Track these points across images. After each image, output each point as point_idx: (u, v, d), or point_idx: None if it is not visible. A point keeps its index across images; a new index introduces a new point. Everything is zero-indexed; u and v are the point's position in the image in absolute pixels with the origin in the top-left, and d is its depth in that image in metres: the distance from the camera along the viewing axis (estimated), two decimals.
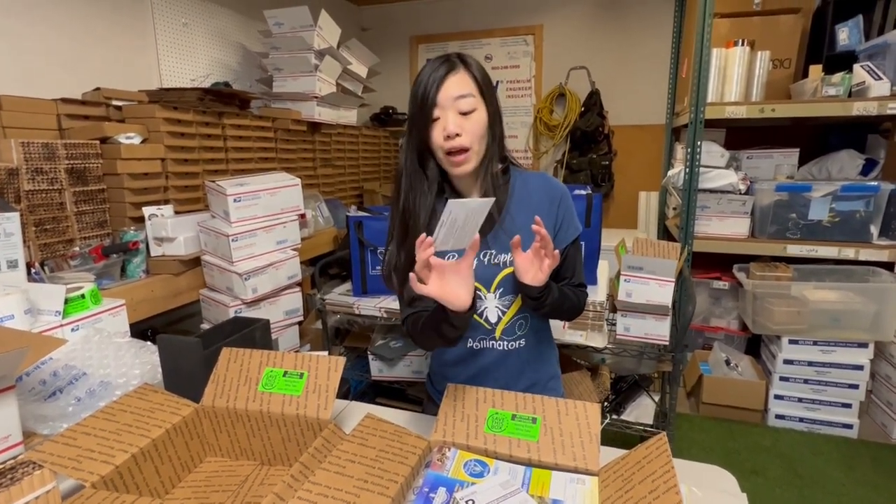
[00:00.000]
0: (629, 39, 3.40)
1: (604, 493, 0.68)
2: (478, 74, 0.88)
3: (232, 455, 0.92)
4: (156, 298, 1.61)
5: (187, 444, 0.87)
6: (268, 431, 0.89)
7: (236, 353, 0.95)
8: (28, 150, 1.42)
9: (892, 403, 2.18)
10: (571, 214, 0.99)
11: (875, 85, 2.12)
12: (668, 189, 2.90)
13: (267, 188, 1.71)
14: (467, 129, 0.86)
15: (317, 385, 0.88)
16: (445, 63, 0.87)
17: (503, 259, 0.95)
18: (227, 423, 0.90)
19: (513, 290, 0.96)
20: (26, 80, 1.73)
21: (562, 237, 0.98)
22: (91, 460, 0.72)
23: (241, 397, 0.89)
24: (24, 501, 0.67)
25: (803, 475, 1.95)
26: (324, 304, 1.96)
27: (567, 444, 0.77)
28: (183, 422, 0.86)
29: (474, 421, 0.82)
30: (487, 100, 0.88)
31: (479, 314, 0.97)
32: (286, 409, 0.87)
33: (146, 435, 0.80)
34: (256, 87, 2.67)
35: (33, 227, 1.43)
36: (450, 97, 0.85)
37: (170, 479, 0.83)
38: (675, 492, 0.56)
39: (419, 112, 0.88)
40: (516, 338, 0.99)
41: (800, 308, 2.22)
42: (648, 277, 1.47)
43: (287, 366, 0.92)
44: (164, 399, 0.89)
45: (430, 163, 0.93)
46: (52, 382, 0.95)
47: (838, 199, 2.27)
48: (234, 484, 0.85)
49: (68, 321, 1.10)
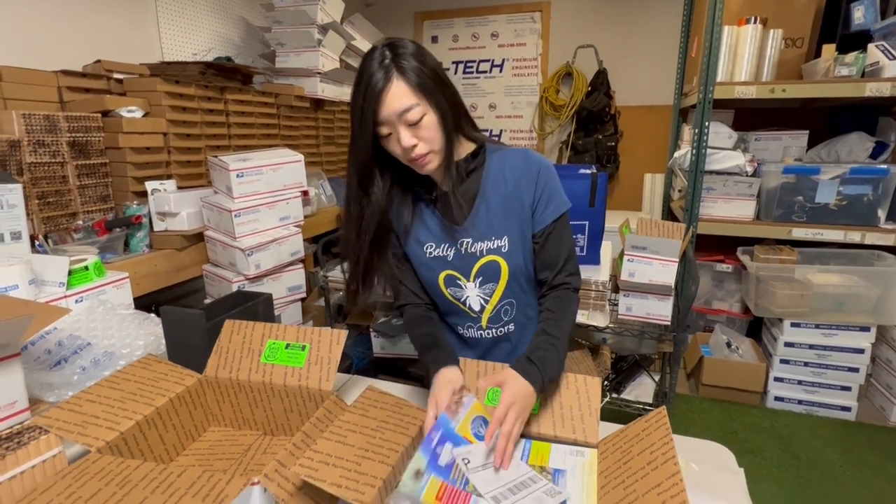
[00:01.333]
0: (639, 16, 3.33)
1: (602, 464, 0.69)
2: (415, 79, 0.79)
3: (235, 425, 0.93)
4: (159, 273, 1.61)
5: (191, 414, 0.88)
6: (270, 402, 0.90)
7: (239, 326, 0.95)
8: (30, 122, 1.41)
9: (892, 387, 2.18)
10: (553, 190, 0.92)
11: (889, 65, 2.07)
12: (673, 171, 2.87)
13: (270, 164, 1.70)
14: (422, 136, 0.81)
15: (319, 357, 0.89)
16: (380, 71, 0.78)
17: (480, 247, 0.92)
18: (230, 394, 0.91)
19: (492, 278, 0.93)
20: (25, 51, 1.71)
21: (540, 215, 0.92)
22: (96, 426, 0.74)
23: (244, 368, 0.90)
24: (31, 465, 0.68)
25: (800, 456, 1.97)
26: (326, 281, 1.97)
27: (567, 417, 0.77)
28: (186, 391, 0.87)
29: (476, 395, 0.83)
30: (432, 100, 0.81)
31: (461, 302, 0.96)
32: (288, 381, 0.88)
33: (150, 403, 0.81)
34: (259, 62, 2.63)
35: (36, 199, 1.43)
36: (393, 114, 0.79)
37: (174, 447, 0.84)
38: (673, 462, 0.57)
39: (362, 132, 0.82)
40: (503, 324, 0.98)
41: (803, 291, 2.21)
42: (652, 257, 1.47)
43: (289, 338, 0.92)
44: (168, 369, 0.90)
45: (374, 185, 0.89)
46: (57, 352, 0.95)
47: (846, 182, 2.24)
48: (238, 452, 0.87)
49: (72, 292, 1.11)
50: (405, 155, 0.83)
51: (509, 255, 0.92)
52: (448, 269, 0.94)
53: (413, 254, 0.97)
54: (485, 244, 0.92)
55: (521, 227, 0.92)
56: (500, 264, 0.92)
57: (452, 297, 0.97)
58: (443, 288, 0.96)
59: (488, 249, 0.92)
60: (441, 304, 1.00)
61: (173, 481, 0.62)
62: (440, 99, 0.82)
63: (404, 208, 0.95)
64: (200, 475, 0.63)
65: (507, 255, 0.92)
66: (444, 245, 0.94)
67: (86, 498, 0.60)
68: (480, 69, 3.82)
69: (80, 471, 0.65)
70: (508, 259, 0.92)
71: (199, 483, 0.62)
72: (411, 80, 0.79)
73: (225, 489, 0.60)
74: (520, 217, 0.92)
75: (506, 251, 0.92)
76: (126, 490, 0.61)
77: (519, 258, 0.93)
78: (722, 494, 0.76)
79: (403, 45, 0.81)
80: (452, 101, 0.86)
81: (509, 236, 0.91)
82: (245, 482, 0.62)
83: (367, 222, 0.90)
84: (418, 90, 0.79)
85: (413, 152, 0.82)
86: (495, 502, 0.65)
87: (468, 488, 0.67)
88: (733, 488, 0.78)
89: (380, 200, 0.90)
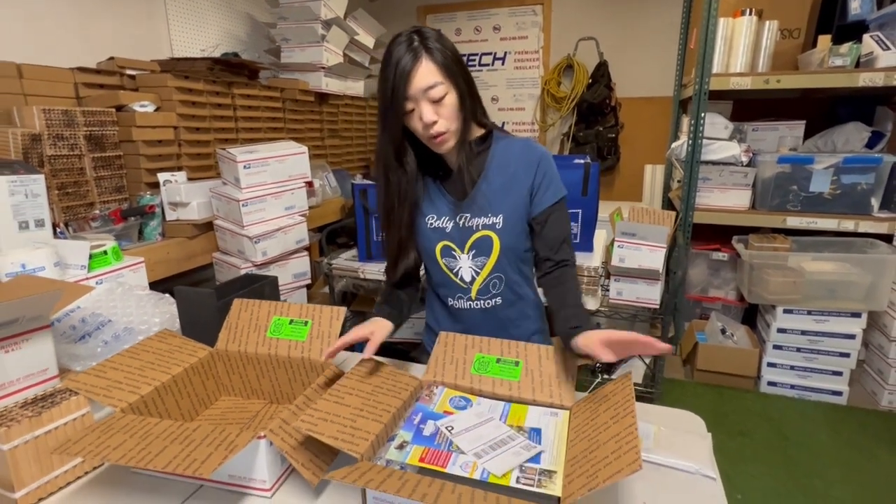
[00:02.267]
0: (639, 9, 3.36)
1: (573, 422, 0.76)
2: (441, 59, 0.88)
3: (244, 394, 1.01)
4: (171, 260, 1.70)
5: (203, 383, 0.96)
6: (276, 373, 0.98)
7: (247, 304, 1.03)
8: (49, 116, 1.49)
9: (883, 372, 2.23)
10: (551, 178, 1.00)
11: (883, 55, 2.10)
12: (672, 161, 2.91)
13: (276, 156, 1.78)
14: (442, 114, 0.89)
15: (320, 331, 0.97)
16: (409, 53, 0.87)
17: (476, 222, 0.99)
18: (238, 365, 0.99)
19: (485, 252, 1.01)
20: (41, 48, 1.79)
21: (539, 200, 0.99)
22: (119, 390, 0.82)
23: (252, 342, 0.98)
24: (63, 421, 0.77)
25: (790, 437, 2.03)
26: (330, 268, 2.05)
27: (545, 383, 0.84)
28: (199, 363, 0.95)
29: (462, 364, 0.90)
30: (454, 81, 0.90)
31: (454, 273, 1.04)
32: (292, 353, 0.95)
33: (167, 372, 0.89)
34: (265, 57, 2.71)
35: (56, 190, 1.52)
36: (419, 90, 0.87)
37: (188, 412, 0.92)
38: (631, 416, 0.64)
39: (391, 107, 0.90)
40: (492, 296, 1.05)
41: (796, 279, 2.25)
42: (640, 243, 1.53)
43: (293, 315, 1.00)
44: (182, 342, 0.98)
45: (408, 156, 0.97)
46: (80, 328, 1.04)
47: (841, 171, 2.28)
48: (246, 418, 0.95)
49: (93, 275, 1.19)
50: (425, 132, 0.91)
51: (502, 232, 1.00)
52: (445, 239, 1.02)
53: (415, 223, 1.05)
54: (481, 220, 0.99)
55: (517, 208, 0.99)
56: (493, 239, 1.00)
57: (446, 267, 1.04)
58: (438, 257, 1.04)
59: (484, 225, 0.99)
60: (434, 273, 1.08)
61: (189, 434, 0.70)
62: (460, 81, 0.91)
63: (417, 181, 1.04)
64: (213, 429, 0.70)
65: (500, 231, 0.99)
66: (445, 218, 1.02)
67: (113, 446, 0.68)
68: (483, 62, 3.86)
69: (107, 426, 0.73)
70: (501, 235, 1.00)
71: (213, 436, 0.69)
72: (437, 59, 0.88)
73: (235, 440, 0.68)
74: (516, 199, 0.99)
75: (499, 228, 0.99)
76: (148, 441, 0.69)
77: (511, 236, 1.01)
78: (688, 455, 0.83)
79: (429, 31, 0.90)
80: (470, 85, 0.94)
81: (504, 215, 0.99)
82: (253, 435, 0.69)
83: (405, 190, 0.99)
84: (443, 70, 0.88)
85: (433, 128, 0.90)
86: (476, 457, 0.72)
87: (452, 448, 0.75)
88: (699, 450, 0.85)
89: (413, 170, 0.98)
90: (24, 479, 0.72)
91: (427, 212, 1.03)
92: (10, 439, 0.70)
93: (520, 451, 0.72)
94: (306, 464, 0.71)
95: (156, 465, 0.64)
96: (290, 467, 0.78)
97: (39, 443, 0.74)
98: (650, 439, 0.86)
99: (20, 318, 0.79)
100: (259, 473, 0.73)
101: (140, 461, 0.65)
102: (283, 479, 0.77)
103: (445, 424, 0.76)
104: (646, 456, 0.83)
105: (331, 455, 0.77)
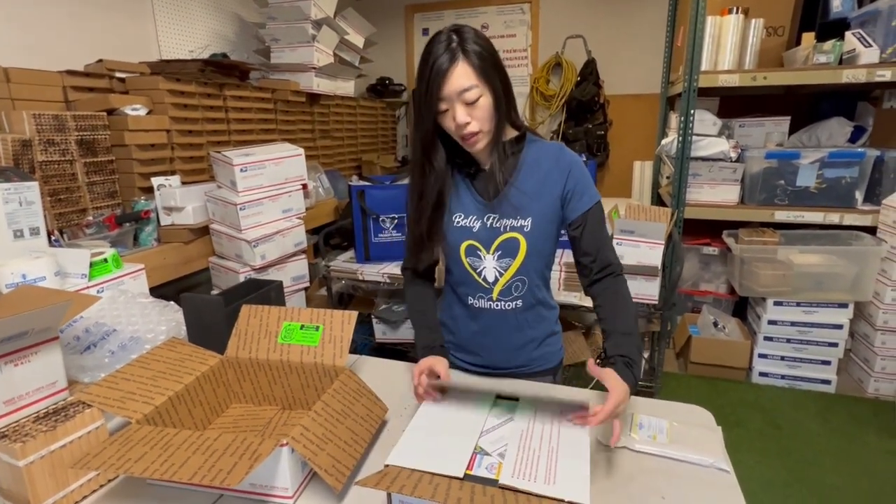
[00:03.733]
0: (626, 7, 3.39)
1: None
2: (478, 61, 0.89)
3: (255, 401, 1.00)
4: (168, 266, 1.67)
5: (215, 391, 0.96)
6: (288, 379, 0.97)
7: (256, 310, 1.02)
8: (40, 121, 1.46)
9: (869, 360, 2.30)
10: (585, 184, 1.00)
11: (865, 52, 2.15)
12: (661, 158, 2.95)
13: (272, 158, 1.76)
14: (475, 115, 0.91)
15: (332, 336, 0.96)
16: (446, 53, 0.88)
17: (504, 224, 1.00)
18: (249, 372, 0.98)
19: (511, 253, 1.02)
20: (26, 51, 1.74)
21: (575, 205, 1.00)
22: (133, 401, 0.81)
23: (262, 349, 0.97)
24: (78, 435, 0.75)
25: (782, 426, 2.08)
26: (328, 270, 2.03)
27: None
28: (210, 371, 0.94)
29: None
30: (490, 83, 0.90)
31: (477, 272, 1.04)
32: (304, 359, 0.95)
33: (179, 381, 0.88)
34: (254, 58, 2.68)
35: (48, 196, 1.48)
36: (454, 92, 0.88)
37: (201, 421, 0.92)
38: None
39: (425, 105, 0.92)
40: (513, 298, 1.05)
41: (785, 271, 2.31)
42: (639, 240, 1.55)
43: (304, 320, 0.99)
44: (192, 351, 0.97)
45: (437, 154, 0.99)
46: (85, 338, 1.02)
47: (826, 165, 2.33)
48: (260, 425, 0.94)
49: (93, 283, 1.17)
50: (458, 131, 0.93)
51: (530, 235, 1.00)
52: (471, 239, 1.02)
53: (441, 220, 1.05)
54: (509, 221, 1.00)
55: (546, 212, 1.00)
56: (520, 241, 1.00)
57: (470, 267, 1.04)
58: (462, 256, 1.04)
59: (511, 227, 0.99)
60: (456, 272, 1.07)
61: (210, 444, 0.69)
62: (496, 83, 0.92)
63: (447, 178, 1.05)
64: (234, 438, 0.70)
65: (528, 234, 1.00)
66: (472, 217, 1.02)
67: (134, 459, 0.67)
68: None
69: (126, 438, 0.72)
70: (528, 238, 1.00)
71: (235, 445, 0.69)
72: (474, 62, 0.88)
73: (258, 449, 0.68)
74: (546, 203, 1.00)
75: (527, 231, 0.99)
76: (169, 452, 0.68)
77: (538, 239, 1.01)
78: (701, 448, 0.85)
79: (468, 31, 0.91)
80: (506, 87, 0.95)
81: (533, 218, 0.99)
82: (275, 443, 0.69)
83: (431, 188, 1.00)
84: (479, 73, 0.89)
85: (465, 129, 0.91)
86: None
87: (476, 450, 0.74)
88: (711, 443, 0.87)
89: (442, 168, 1.00)
90: (41, 494, 0.71)
91: (455, 210, 1.03)
92: (25, 455, 0.69)
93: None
94: (329, 470, 0.71)
95: (181, 477, 0.63)
96: (310, 474, 0.78)
97: (55, 457, 0.72)
98: (664, 434, 0.88)
99: (29, 330, 0.78)
100: (281, 481, 0.73)
101: (164, 473, 0.64)
102: (304, 485, 0.77)
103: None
104: (661, 451, 0.85)
105: (352, 461, 0.77)
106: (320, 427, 0.75)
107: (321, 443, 0.73)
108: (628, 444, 0.86)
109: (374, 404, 0.90)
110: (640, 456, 0.84)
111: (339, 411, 0.80)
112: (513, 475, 0.67)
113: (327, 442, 0.74)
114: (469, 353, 1.13)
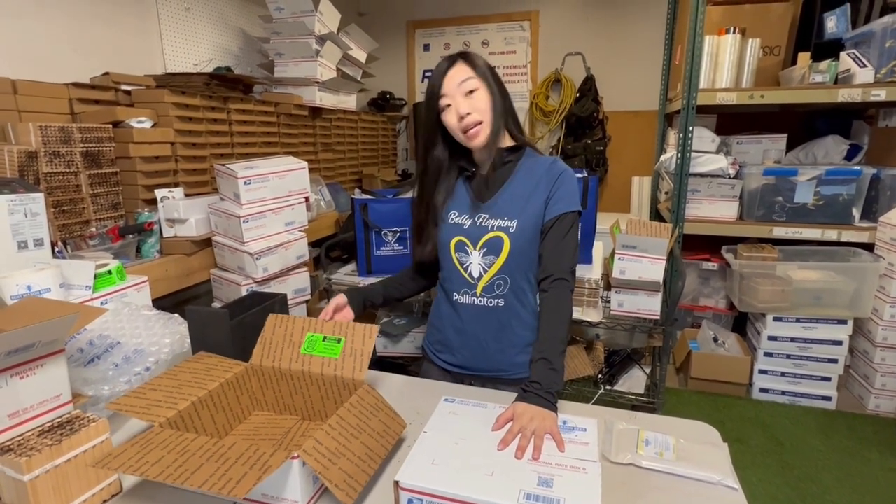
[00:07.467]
0: (624, 26, 3.46)
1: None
2: (477, 62, 1.02)
3: (276, 410, 1.00)
4: (170, 278, 1.67)
5: (238, 398, 0.95)
6: (308, 390, 0.97)
7: (282, 319, 1.02)
8: (46, 133, 1.47)
9: (869, 376, 2.30)
10: (566, 193, 1.05)
11: (860, 72, 2.20)
12: (660, 173, 2.98)
13: (276, 171, 1.77)
14: (476, 106, 1.01)
15: (353, 349, 0.96)
16: (447, 60, 1.03)
17: (492, 223, 1.07)
18: (272, 381, 0.98)
19: (495, 251, 1.07)
20: (34, 63, 1.76)
21: (550, 209, 1.05)
22: (158, 407, 0.82)
23: (286, 358, 0.97)
24: (83, 449, 0.74)
25: (784, 443, 2.07)
26: (330, 283, 2.03)
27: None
28: (234, 378, 0.94)
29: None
30: (487, 81, 1.02)
31: (464, 268, 1.10)
32: (325, 370, 0.95)
33: (203, 387, 0.89)
34: (258, 72, 2.70)
35: (52, 208, 1.48)
36: (453, 84, 1.01)
37: (223, 427, 0.92)
38: None
39: (429, 104, 1.04)
40: (495, 296, 1.09)
41: (784, 287, 2.32)
42: (641, 255, 1.56)
43: (326, 332, 0.99)
44: (218, 360, 0.98)
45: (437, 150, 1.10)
46: (89, 350, 1.01)
47: (823, 182, 2.36)
48: (279, 434, 0.94)
49: (97, 295, 1.16)
50: (459, 124, 1.01)
51: (514, 236, 1.05)
52: (461, 235, 1.10)
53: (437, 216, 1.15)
54: (497, 221, 1.07)
55: (531, 217, 1.06)
56: (504, 241, 1.06)
57: (458, 262, 1.10)
58: (452, 251, 1.11)
59: (498, 227, 1.06)
60: (446, 267, 1.14)
61: (224, 452, 0.69)
62: (493, 86, 1.04)
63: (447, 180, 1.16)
64: (248, 448, 0.70)
65: (512, 235, 1.05)
66: (465, 215, 1.11)
67: (152, 462, 0.67)
68: None
69: (146, 440, 0.72)
70: (512, 238, 1.05)
71: (247, 454, 0.69)
72: (472, 62, 1.03)
73: (269, 461, 0.67)
74: (534, 208, 1.06)
75: (512, 231, 1.05)
76: (185, 457, 0.68)
77: (522, 241, 1.06)
78: (708, 465, 0.84)
79: (471, 51, 1.07)
80: (504, 93, 1.07)
81: (519, 221, 1.06)
82: (286, 455, 0.69)
83: (430, 184, 1.12)
84: (477, 70, 1.02)
85: (467, 119, 1.00)
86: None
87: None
88: (718, 460, 0.86)
89: (440, 167, 1.11)
90: None
91: (451, 207, 1.12)
92: (31, 469, 0.68)
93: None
94: (340, 485, 0.71)
95: (192, 484, 0.64)
96: (322, 487, 0.77)
97: (59, 472, 0.72)
98: (670, 451, 0.88)
99: (36, 342, 0.77)
100: (291, 493, 0.72)
101: (177, 478, 0.64)
102: (315, 498, 0.76)
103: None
104: (669, 468, 0.84)
105: (366, 476, 0.76)
106: (333, 441, 0.74)
107: (333, 457, 0.73)
108: (635, 461, 0.86)
109: (391, 420, 0.89)
110: (648, 473, 0.84)
111: (354, 426, 0.80)
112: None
113: (340, 456, 0.73)
114: (450, 352, 1.17)
